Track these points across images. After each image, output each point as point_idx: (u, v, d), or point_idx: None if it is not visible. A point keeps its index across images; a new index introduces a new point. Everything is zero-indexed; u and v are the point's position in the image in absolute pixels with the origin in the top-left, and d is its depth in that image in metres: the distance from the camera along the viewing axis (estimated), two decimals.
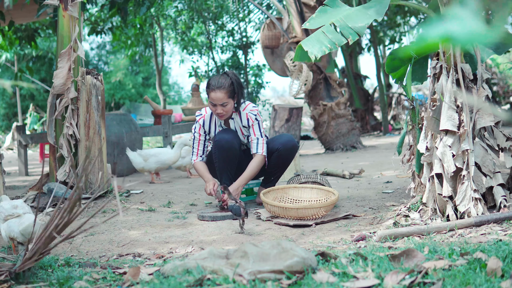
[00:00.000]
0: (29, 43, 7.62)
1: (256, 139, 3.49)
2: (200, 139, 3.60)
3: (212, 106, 3.42)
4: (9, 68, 15.42)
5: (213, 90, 3.38)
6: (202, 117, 3.59)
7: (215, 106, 3.40)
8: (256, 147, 3.49)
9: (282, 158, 3.54)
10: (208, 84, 3.43)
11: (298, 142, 5.09)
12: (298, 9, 7.04)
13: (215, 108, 3.41)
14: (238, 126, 3.56)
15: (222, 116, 3.44)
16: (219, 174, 3.52)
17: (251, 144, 3.51)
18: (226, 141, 3.42)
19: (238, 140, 3.49)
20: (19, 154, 6.48)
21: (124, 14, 6.14)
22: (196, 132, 3.60)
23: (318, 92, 7.28)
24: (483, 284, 1.59)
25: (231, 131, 3.50)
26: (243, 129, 3.56)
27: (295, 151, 3.58)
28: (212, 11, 10.85)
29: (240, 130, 3.57)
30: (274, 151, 3.53)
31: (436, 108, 2.79)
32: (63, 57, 3.69)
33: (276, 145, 3.53)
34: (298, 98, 7.74)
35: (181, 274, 1.88)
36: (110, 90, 16.98)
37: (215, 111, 3.43)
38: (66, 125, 3.66)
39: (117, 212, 3.45)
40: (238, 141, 3.48)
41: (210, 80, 3.46)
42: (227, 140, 3.42)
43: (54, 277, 2.00)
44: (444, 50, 2.81)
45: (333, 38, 2.84)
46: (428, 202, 2.82)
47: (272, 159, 3.55)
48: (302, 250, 1.86)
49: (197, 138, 3.60)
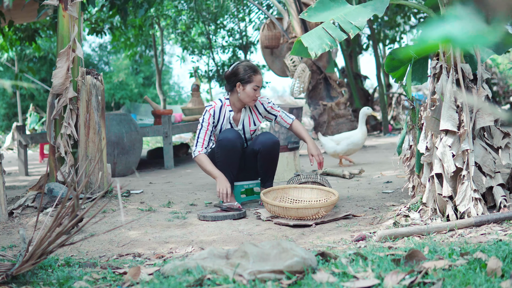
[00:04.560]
0: (30, 44, 7.62)
1: (282, 112, 3.71)
2: (208, 129, 3.57)
3: (254, 91, 3.51)
4: (10, 68, 15.42)
5: (259, 73, 3.54)
6: (212, 107, 3.57)
7: (256, 90, 3.52)
8: (287, 116, 3.72)
9: (266, 158, 3.54)
10: (254, 68, 3.53)
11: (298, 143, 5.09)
12: (298, 9, 7.04)
13: (257, 92, 3.53)
14: (247, 116, 3.61)
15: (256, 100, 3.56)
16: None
17: (282, 118, 3.71)
18: (229, 140, 3.43)
19: (241, 141, 3.50)
20: (19, 154, 6.49)
21: (124, 15, 6.14)
22: (205, 121, 3.56)
23: (318, 92, 7.28)
24: (483, 284, 1.59)
25: (234, 131, 3.51)
26: (256, 118, 3.64)
27: (277, 148, 3.56)
28: (212, 11, 10.85)
29: (248, 121, 3.62)
30: (256, 153, 3.55)
31: (436, 108, 2.79)
32: (62, 57, 3.69)
33: (256, 146, 3.53)
34: (298, 98, 7.74)
35: (181, 274, 1.88)
36: (110, 90, 16.98)
37: (256, 96, 3.53)
38: (64, 125, 3.66)
39: (117, 213, 3.45)
40: (241, 141, 3.49)
41: (249, 65, 3.54)
42: (230, 140, 3.43)
43: (54, 277, 2.00)
44: (444, 50, 2.81)
45: (334, 34, 2.84)
46: (428, 202, 2.82)
47: (258, 160, 3.56)
48: (302, 250, 1.86)
49: (205, 127, 3.56)
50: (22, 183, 5.60)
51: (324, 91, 7.27)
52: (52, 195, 3.46)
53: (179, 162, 6.86)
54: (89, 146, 3.69)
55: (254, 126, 3.68)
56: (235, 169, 3.51)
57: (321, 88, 7.27)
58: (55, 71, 3.68)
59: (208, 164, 3.50)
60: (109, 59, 19.32)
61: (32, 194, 3.59)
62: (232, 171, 3.50)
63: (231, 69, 3.59)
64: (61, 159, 3.74)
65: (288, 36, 7.21)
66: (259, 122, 3.69)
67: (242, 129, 3.64)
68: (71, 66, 3.70)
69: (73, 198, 1.93)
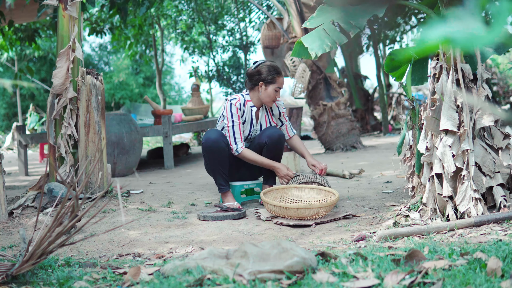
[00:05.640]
0: (30, 44, 7.62)
1: (289, 124, 3.76)
2: (239, 122, 3.52)
3: (276, 92, 3.53)
4: (10, 68, 15.42)
5: (282, 75, 3.55)
6: (237, 100, 3.54)
7: (277, 92, 3.55)
8: (291, 129, 3.76)
9: (272, 151, 3.55)
10: (278, 70, 3.53)
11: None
12: (298, 9, 7.04)
13: (277, 94, 3.55)
14: (264, 115, 3.64)
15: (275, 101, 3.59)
16: (213, 175, 3.53)
17: (286, 129, 3.75)
18: (212, 141, 3.42)
19: (224, 139, 3.47)
20: (19, 154, 6.49)
21: (124, 14, 6.14)
22: (235, 116, 3.50)
23: (318, 92, 7.28)
24: (483, 284, 1.59)
25: (216, 130, 3.50)
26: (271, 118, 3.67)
27: (283, 141, 3.59)
28: (212, 12, 10.85)
29: (265, 120, 3.65)
30: (262, 146, 3.55)
31: (436, 108, 2.79)
32: (62, 57, 3.69)
33: (263, 139, 3.53)
34: (298, 98, 7.74)
35: (181, 274, 1.88)
36: (110, 90, 16.98)
37: (276, 97, 3.56)
38: (65, 125, 3.66)
39: (117, 213, 3.45)
40: (224, 140, 3.47)
41: (274, 66, 3.54)
42: (214, 140, 3.42)
43: (54, 277, 2.00)
44: (444, 50, 2.81)
45: (334, 36, 2.85)
46: (428, 202, 2.82)
47: (263, 154, 3.56)
48: (302, 250, 1.86)
49: (237, 122, 3.50)
50: (22, 183, 5.60)
51: (324, 91, 7.27)
52: (52, 195, 3.46)
53: (179, 162, 6.86)
54: (89, 146, 3.69)
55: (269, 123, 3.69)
56: (226, 168, 3.50)
57: (321, 88, 7.27)
58: (55, 71, 3.68)
59: (257, 157, 3.52)
60: (109, 59, 19.31)
61: (32, 194, 3.59)
62: (224, 170, 3.49)
63: (255, 67, 3.57)
64: (61, 159, 3.74)
65: (288, 36, 7.21)
66: (274, 123, 3.70)
67: (259, 128, 3.65)
68: (71, 66, 3.70)
69: (73, 198, 1.93)
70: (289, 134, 3.76)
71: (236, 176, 3.67)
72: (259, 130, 3.64)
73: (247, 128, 3.61)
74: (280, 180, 3.59)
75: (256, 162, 3.53)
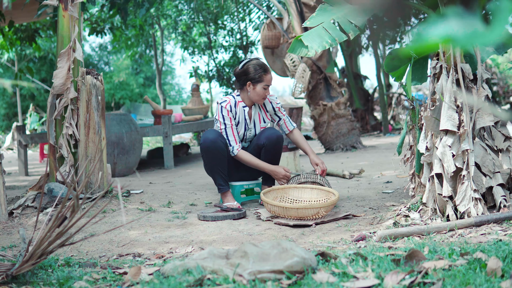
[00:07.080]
0: (30, 44, 7.62)
1: (287, 117, 3.74)
2: (232, 124, 3.52)
3: (265, 90, 3.52)
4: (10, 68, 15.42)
5: (269, 72, 3.54)
6: (228, 103, 3.54)
7: (266, 89, 3.53)
8: (290, 123, 3.74)
9: (270, 152, 3.55)
10: (264, 67, 3.52)
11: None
12: (298, 9, 7.04)
13: (266, 91, 3.54)
14: (257, 113, 3.63)
15: (265, 99, 3.58)
16: (212, 175, 3.52)
17: (284, 123, 3.73)
18: (210, 141, 3.41)
19: (222, 139, 3.47)
20: (19, 154, 6.49)
21: (124, 15, 6.14)
22: (226, 118, 3.51)
23: (318, 92, 7.28)
24: (483, 284, 1.59)
25: (215, 131, 3.50)
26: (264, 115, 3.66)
27: (281, 142, 3.59)
28: (212, 12, 10.85)
29: (258, 118, 3.64)
30: (260, 147, 3.56)
31: (436, 108, 2.79)
32: (63, 57, 3.69)
33: (261, 141, 3.54)
34: (298, 98, 7.74)
35: (181, 274, 1.88)
36: (110, 90, 16.98)
37: (266, 94, 3.54)
38: (66, 125, 3.66)
39: (117, 213, 3.45)
40: (223, 140, 3.47)
41: (260, 64, 3.53)
42: (212, 140, 3.41)
43: (54, 277, 2.00)
44: (444, 50, 2.81)
45: (334, 34, 2.85)
46: (428, 202, 2.82)
47: (262, 155, 3.56)
48: (302, 250, 1.86)
49: (229, 124, 3.51)
50: (22, 183, 5.60)
51: (324, 91, 7.27)
52: (52, 195, 3.46)
53: (179, 162, 6.86)
54: (89, 146, 3.69)
55: (264, 123, 3.68)
56: (225, 168, 3.50)
57: (321, 88, 7.27)
58: (56, 71, 3.68)
59: (253, 159, 3.53)
60: (109, 59, 19.32)
61: (32, 194, 3.59)
62: (222, 170, 3.48)
63: (241, 67, 3.56)
64: (61, 159, 3.74)
65: (288, 36, 7.21)
66: (268, 119, 3.70)
67: (253, 126, 3.65)
68: (72, 66, 3.70)
69: (73, 198, 1.93)
70: (289, 128, 3.75)
71: (236, 176, 3.67)
72: (253, 129, 3.64)
73: (241, 128, 3.61)
74: (278, 182, 3.59)
75: (252, 165, 3.54)
